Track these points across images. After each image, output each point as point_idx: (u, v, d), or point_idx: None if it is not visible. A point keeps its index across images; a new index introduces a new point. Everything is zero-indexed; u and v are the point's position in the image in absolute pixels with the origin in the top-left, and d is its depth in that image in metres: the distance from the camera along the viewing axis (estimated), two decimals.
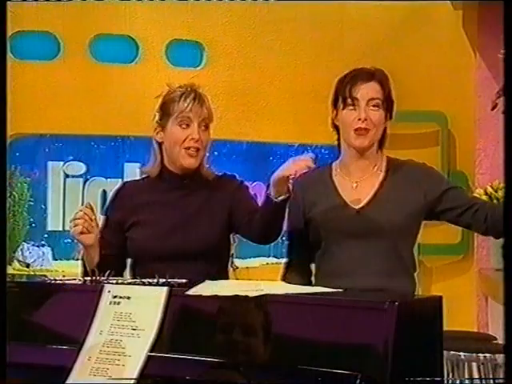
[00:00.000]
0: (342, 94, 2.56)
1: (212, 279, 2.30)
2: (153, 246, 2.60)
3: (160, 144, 2.68)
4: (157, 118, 2.67)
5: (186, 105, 2.60)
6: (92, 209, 2.56)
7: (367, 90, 2.55)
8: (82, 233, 2.52)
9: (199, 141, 2.61)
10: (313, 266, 2.67)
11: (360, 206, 2.56)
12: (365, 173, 2.61)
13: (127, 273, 2.66)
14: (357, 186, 2.60)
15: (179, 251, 2.56)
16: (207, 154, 2.72)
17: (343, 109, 2.56)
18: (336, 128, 2.63)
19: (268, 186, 2.45)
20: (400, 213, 2.56)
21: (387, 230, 2.54)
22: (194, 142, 2.60)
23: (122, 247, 2.65)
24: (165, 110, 2.64)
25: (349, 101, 2.54)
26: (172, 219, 2.62)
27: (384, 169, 2.63)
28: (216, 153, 4.62)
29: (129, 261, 2.68)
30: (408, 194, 2.58)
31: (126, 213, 2.66)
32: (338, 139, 2.64)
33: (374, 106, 2.55)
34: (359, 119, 2.53)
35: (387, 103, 2.58)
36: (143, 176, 2.80)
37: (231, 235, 2.71)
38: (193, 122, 2.60)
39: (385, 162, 2.65)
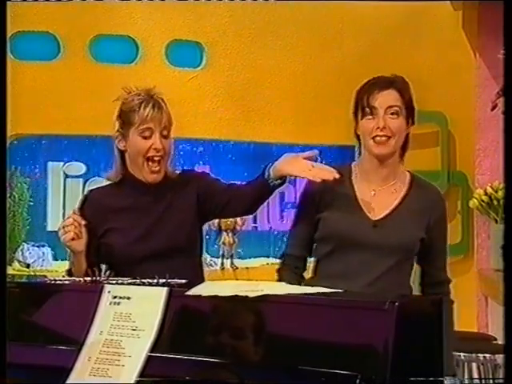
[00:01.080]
0: (361, 104, 2.54)
1: (188, 271, 2.33)
2: (129, 251, 2.61)
3: (122, 151, 2.69)
4: (117, 126, 2.68)
5: (145, 114, 2.60)
6: (79, 215, 2.58)
7: (385, 98, 2.52)
8: (73, 239, 2.52)
9: (161, 150, 2.63)
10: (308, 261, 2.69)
11: (377, 218, 2.55)
12: (385, 182, 2.59)
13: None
14: (375, 194, 2.59)
15: (154, 252, 2.58)
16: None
17: (362, 118, 2.54)
18: (358, 137, 2.61)
19: (266, 167, 2.53)
20: (412, 234, 2.56)
21: (397, 248, 2.53)
22: (156, 152, 2.62)
23: (97, 253, 2.64)
24: (125, 119, 2.65)
25: (367, 110, 2.52)
26: (145, 223, 2.64)
27: (407, 184, 2.62)
28: (216, 153, 4.66)
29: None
30: (420, 217, 2.57)
31: (97, 220, 2.64)
32: (360, 147, 2.63)
33: (392, 113, 2.51)
34: (378, 127, 2.50)
35: (407, 110, 2.55)
36: (108, 183, 2.80)
37: (204, 226, 2.76)
38: (154, 132, 2.62)
39: (408, 177, 2.63)
